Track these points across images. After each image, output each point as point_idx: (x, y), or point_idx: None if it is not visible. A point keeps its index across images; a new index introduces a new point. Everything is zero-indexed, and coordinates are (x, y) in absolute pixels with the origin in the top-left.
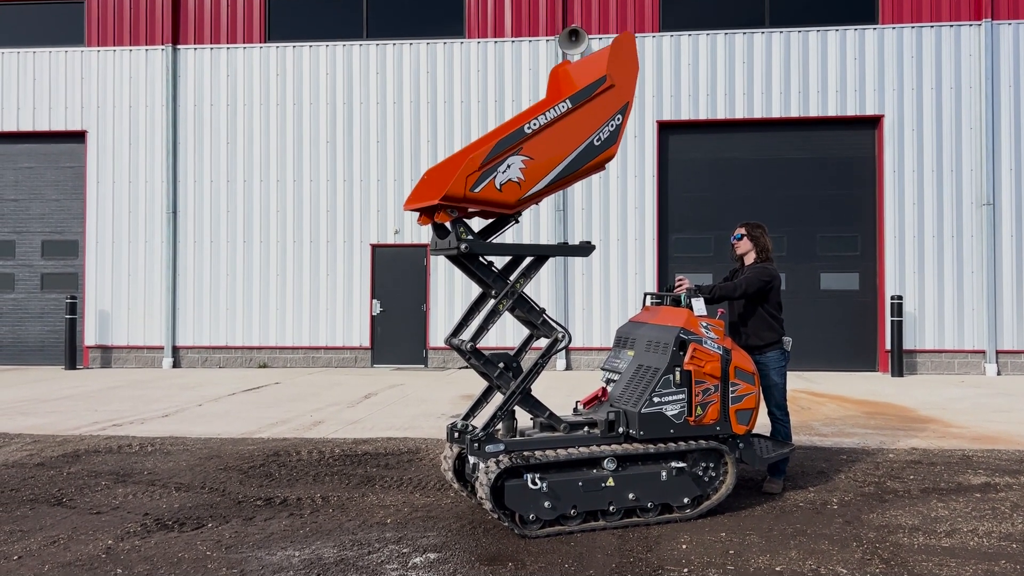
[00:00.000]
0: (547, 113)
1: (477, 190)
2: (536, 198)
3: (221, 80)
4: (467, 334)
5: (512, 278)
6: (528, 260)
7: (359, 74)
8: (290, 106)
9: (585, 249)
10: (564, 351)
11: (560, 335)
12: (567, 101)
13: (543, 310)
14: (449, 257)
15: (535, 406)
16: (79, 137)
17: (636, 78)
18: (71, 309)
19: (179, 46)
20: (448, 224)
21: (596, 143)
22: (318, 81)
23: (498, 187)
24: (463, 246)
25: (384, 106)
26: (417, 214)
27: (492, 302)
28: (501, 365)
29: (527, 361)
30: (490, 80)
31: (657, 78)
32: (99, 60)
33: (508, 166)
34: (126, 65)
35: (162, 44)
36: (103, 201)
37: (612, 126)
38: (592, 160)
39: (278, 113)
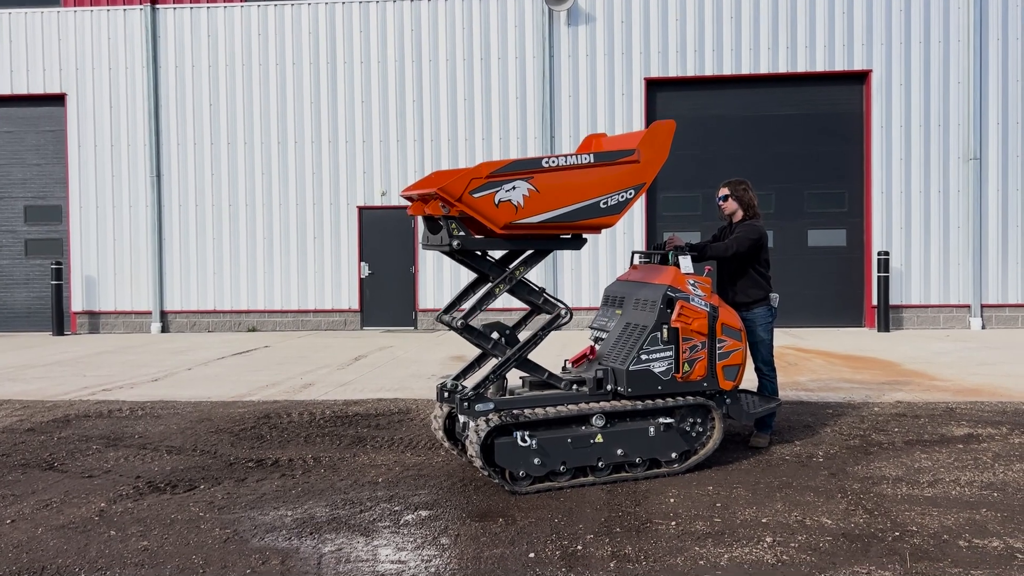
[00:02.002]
0: (568, 158)
1: (475, 196)
2: (524, 230)
3: (202, 40)
4: (459, 312)
5: (512, 266)
6: (529, 251)
7: (342, 33)
8: (272, 67)
9: (577, 242)
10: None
11: (562, 311)
12: (591, 156)
13: (543, 289)
14: (442, 251)
15: (533, 369)
16: (59, 100)
17: (661, 165)
18: (57, 275)
19: (158, 6)
20: (440, 219)
21: (602, 205)
22: (300, 41)
23: (496, 202)
24: (455, 243)
25: (368, 65)
26: (409, 203)
27: (488, 286)
28: (495, 336)
29: (524, 330)
30: (475, 37)
31: (644, 34)
32: (76, 21)
33: (513, 187)
34: (104, 26)
35: (140, 4)
36: (85, 165)
37: (622, 197)
38: (591, 219)
39: (260, 74)
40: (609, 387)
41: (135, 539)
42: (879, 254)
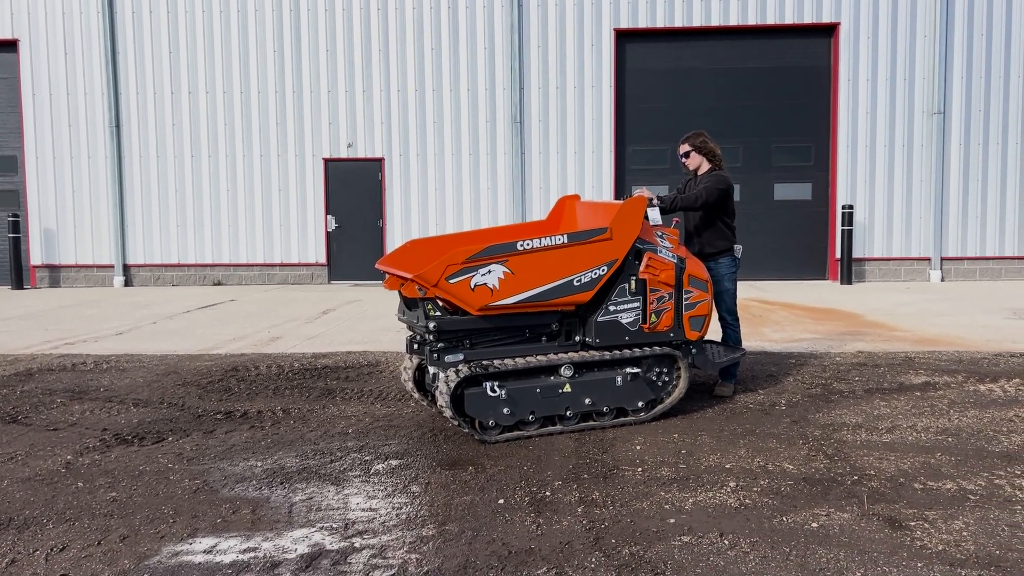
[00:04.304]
0: (542, 239)
1: (451, 282)
2: (499, 310)
3: None
4: None
5: None
6: None
7: None
8: (234, 13)
9: (552, 317)
10: None
11: (554, 324)
12: (564, 236)
13: None
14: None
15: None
16: (11, 46)
17: (633, 240)
18: (14, 228)
19: None
20: (416, 300)
21: (575, 283)
22: None
23: (472, 287)
24: (431, 324)
25: (333, 13)
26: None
27: None
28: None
29: None
30: None
31: None
32: None
33: (489, 271)
34: None
35: None
36: (41, 114)
37: (595, 275)
38: (564, 297)
39: (221, 21)
40: (577, 338)
41: (103, 490)
42: (843, 207)
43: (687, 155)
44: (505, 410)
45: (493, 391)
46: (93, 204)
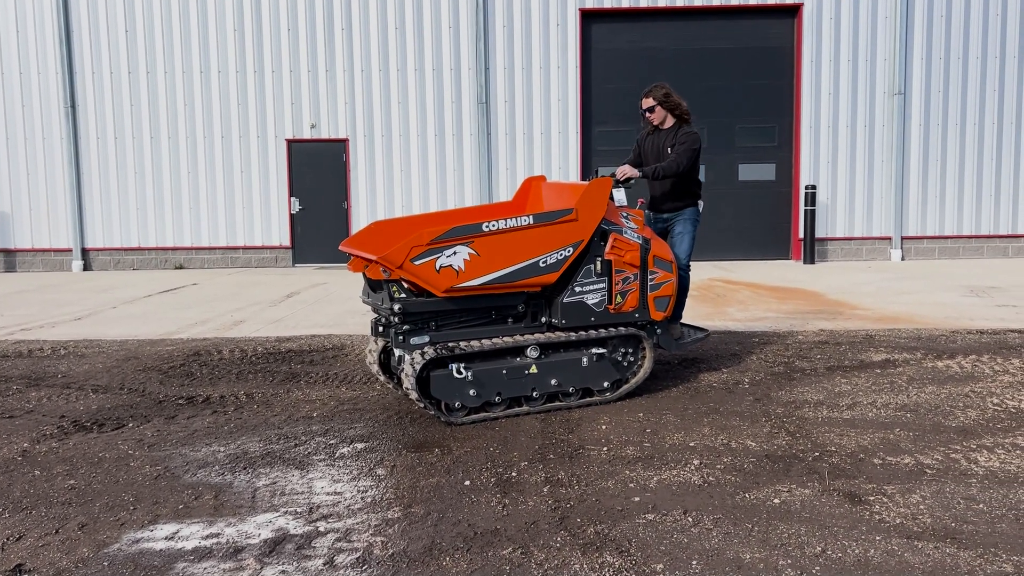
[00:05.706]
0: (508, 220)
1: (416, 263)
2: (465, 292)
3: None
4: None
5: None
6: None
7: None
8: None
9: (516, 299)
10: None
11: (520, 307)
12: (530, 217)
13: None
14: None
15: None
16: None
17: (599, 221)
18: None
19: None
20: (381, 282)
21: (541, 265)
22: None
23: (437, 268)
24: (396, 306)
25: None
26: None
27: None
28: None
29: None
30: None
31: None
32: None
33: (454, 252)
34: None
35: None
36: None
37: (560, 255)
38: (530, 279)
39: None
40: (543, 319)
41: (61, 478)
42: (806, 188)
43: (651, 110)
44: (471, 392)
45: (459, 373)
46: (49, 187)
